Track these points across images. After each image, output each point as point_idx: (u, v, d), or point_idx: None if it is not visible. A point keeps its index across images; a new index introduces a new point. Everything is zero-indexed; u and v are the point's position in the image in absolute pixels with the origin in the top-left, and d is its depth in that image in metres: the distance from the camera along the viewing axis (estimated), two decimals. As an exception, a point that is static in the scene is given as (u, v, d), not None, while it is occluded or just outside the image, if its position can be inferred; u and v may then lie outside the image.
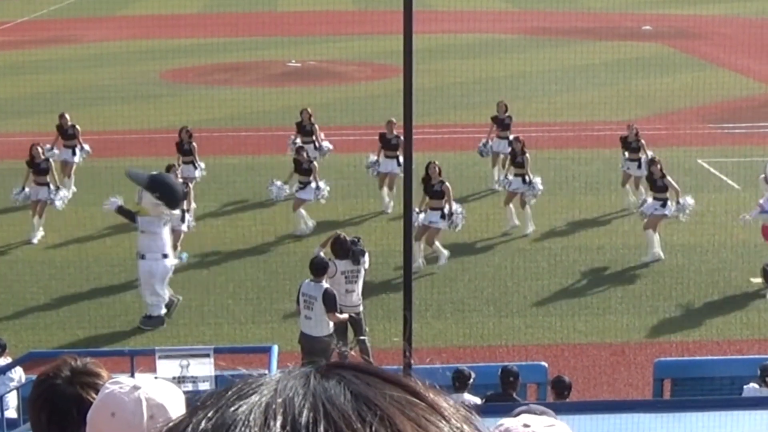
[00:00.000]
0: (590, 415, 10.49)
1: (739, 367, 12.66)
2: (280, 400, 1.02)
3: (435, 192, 18.06)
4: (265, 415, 1.01)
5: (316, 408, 1.00)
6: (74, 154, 23.20)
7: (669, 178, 18.71)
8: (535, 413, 3.01)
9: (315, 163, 20.56)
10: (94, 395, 3.10)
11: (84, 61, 39.97)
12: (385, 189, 21.50)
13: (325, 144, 23.47)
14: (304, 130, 23.17)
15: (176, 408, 2.84)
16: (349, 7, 59.15)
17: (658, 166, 18.80)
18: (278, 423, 1.00)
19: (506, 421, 2.73)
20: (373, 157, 21.80)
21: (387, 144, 21.35)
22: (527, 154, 20.06)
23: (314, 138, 23.14)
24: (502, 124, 23.09)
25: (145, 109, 30.12)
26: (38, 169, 20.01)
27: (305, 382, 1.04)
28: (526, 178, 19.93)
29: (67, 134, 23.26)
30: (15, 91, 34.08)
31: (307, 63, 40.93)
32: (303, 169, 20.00)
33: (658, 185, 18.67)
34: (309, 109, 23.76)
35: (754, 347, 15.20)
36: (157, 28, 45.60)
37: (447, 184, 18.14)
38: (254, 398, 1.03)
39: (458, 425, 1.06)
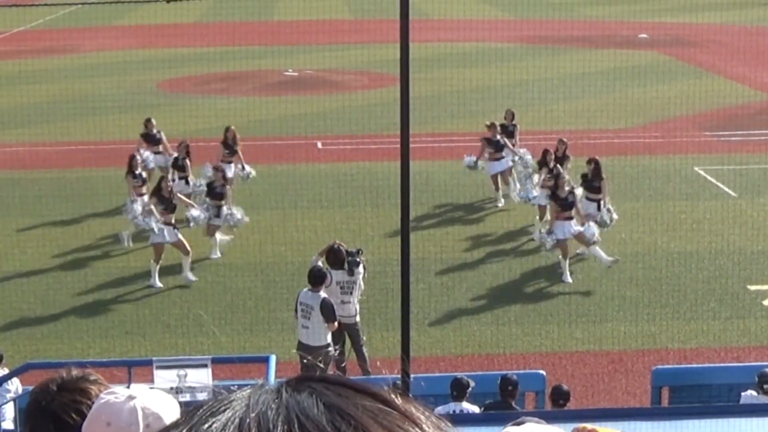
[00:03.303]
0: (588, 423, 10.46)
1: (737, 375, 12.66)
2: (253, 415, 1.01)
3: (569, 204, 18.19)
4: (239, 431, 1.00)
5: (290, 421, 1.00)
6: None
7: (605, 181, 18.87)
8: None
9: (229, 188, 19.83)
10: (73, 414, 3.11)
11: (81, 71, 39.98)
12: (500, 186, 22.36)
13: (249, 169, 22.37)
14: (230, 148, 22.06)
15: (172, 417, 2.84)
16: (346, 16, 59.23)
17: (593, 165, 19.02)
18: None
19: (511, 430, 2.71)
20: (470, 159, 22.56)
21: (493, 145, 22.20)
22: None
23: (239, 158, 22.12)
24: (505, 131, 23.04)
25: (143, 118, 30.06)
26: (135, 176, 19.88)
27: (277, 395, 1.04)
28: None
29: (154, 139, 23.05)
30: (11, 102, 34.08)
31: (304, 72, 40.97)
32: (216, 192, 19.32)
33: (594, 185, 18.84)
34: (233, 128, 22.62)
35: (751, 354, 15.20)
36: (154, 37, 45.63)
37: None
38: (227, 414, 1.03)
39: None
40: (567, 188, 18.11)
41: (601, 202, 19.05)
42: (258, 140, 28.54)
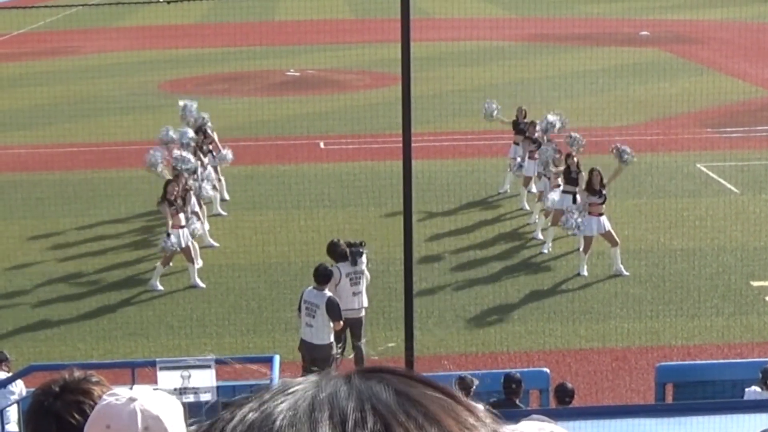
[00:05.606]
0: (593, 421, 10.48)
1: (741, 371, 12.66)
2: (324, 395, 1.04)
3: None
4: (311, 408, 1.02)
5: (362, 401, 1.03)
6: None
7: (583, 174, 18.67)
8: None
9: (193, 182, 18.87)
10: (76, 415, 3.12)
11: (82, 73, 40.00)
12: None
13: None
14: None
15: (173, 419, 2.84)
16: (347, 15, 59.24)
17: (575, 159, 19.00)
18: (325, 414, 1.01)
19: (525, 426, 2.71)
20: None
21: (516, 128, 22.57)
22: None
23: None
24: (517, 128, 22.95)
25: (144, 120, 30.13)
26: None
27: (347, 380, 1.07)
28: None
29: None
30: (13, 104, 34.11)
31: (306, 72, 40.98)
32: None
33: (572, 177, 18.86)
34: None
35: (755, 350, 15.20)
36: (156, 38, 45.65)
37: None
38: (299, 393, 1.05)
39: (492, 426, 1.10)
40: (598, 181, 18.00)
41: (577, 195, 18.82)
42: (260, 140, 28.57)
